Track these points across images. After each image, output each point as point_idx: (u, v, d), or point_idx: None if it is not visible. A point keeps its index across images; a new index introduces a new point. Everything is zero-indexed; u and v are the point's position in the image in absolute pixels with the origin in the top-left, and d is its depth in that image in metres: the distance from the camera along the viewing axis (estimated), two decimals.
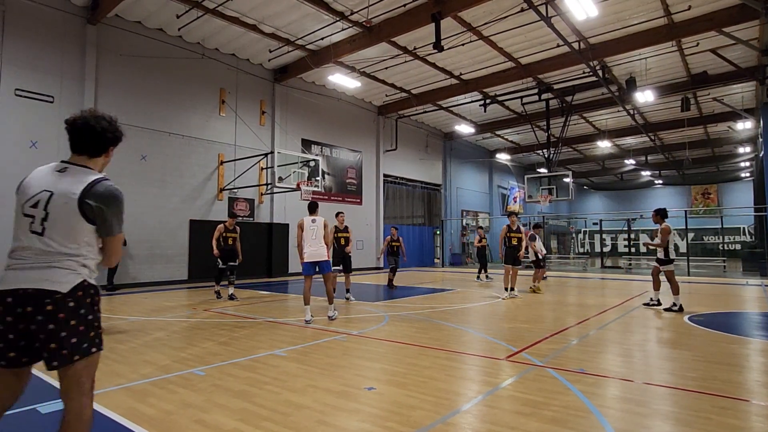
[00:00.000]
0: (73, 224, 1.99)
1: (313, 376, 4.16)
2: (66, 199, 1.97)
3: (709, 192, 36.14)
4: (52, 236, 1.97)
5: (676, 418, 3.17)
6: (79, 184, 2.00)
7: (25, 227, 1.98)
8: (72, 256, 1.99)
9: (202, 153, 14.24)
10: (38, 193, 2.00)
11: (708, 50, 14.51)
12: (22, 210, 2.00)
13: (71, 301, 1.94)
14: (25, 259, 1.96)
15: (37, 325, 1.90)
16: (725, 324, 6.98)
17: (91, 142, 2.12)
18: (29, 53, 10.87)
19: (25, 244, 1.97)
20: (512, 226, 9.93)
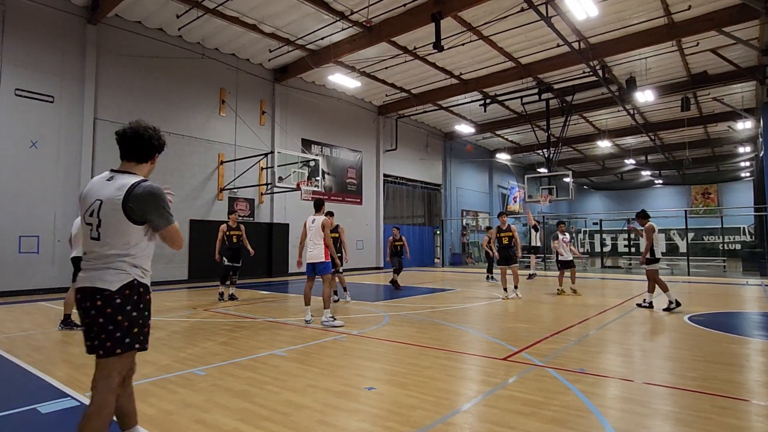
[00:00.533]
0: (121, 228, 2.19)
1: (313, 376, 4.16)
2: (113, 205, 2.17)
3: (709, 192, 36.13)
4: (106, 240, 2.19)
5: (676, 417, 3.17)
6: (122, 190, 2.18)
7: (87, 235, 2.25)
8: (123, 257, 2.20)
9: (202, 153, 14.24)
10: (93, 202, 2.22)
11: (708, 50, 14.50)
12: (84, 219, 2.26)
13: (118, 298, 2.15)
14: (89, 262, 2.23)
15: (91, 319, 2.16)
16: (725, 324, 6.98)
17: (140, 148, 2.32)
18: (29, 53, 10.86)
19: (89, 249, 2.25)
20: (502, 226, 9.88)
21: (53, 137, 11.18)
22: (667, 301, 7.94)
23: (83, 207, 2.26)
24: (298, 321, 7.11)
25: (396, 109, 20.28)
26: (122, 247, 2.19)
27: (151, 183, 2.27)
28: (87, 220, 2.23)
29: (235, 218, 9.78)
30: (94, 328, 2.16)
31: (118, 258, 2.19)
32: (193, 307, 8.61)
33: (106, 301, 2.14)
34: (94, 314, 2.14)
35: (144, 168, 2.37)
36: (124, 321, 2.17)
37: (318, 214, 6.98)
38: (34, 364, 4.59)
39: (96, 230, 2.19)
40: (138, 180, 2.24)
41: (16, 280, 10.45)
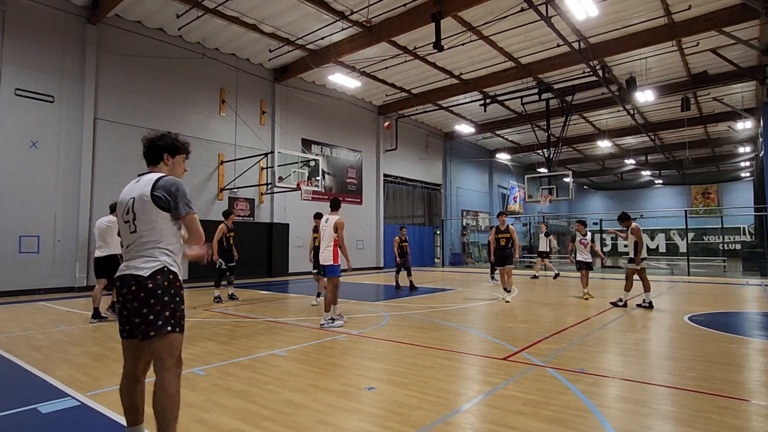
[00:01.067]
0: (152, 216, 2.44)
1: (313, 375, 4.16)
2: (142, 197, 2.45)
3: (709, 192, 36.13)
4: (141, 231, 2.44)
5: (676, 417, 3.17)
6: (149, 184, 2.47)
7: (126, 231, 2.51)
8: (155, 245, 2.44)
9: (203, 153, 14.24)
10: (127, 201, 2.51)
11: (708, 50, 14.51)
12: (123, 218, 2.53)
13: (150, 283, 2.36)
14: (128, 254, 2.48)
15: (128, 303, 2.39)
16: (725, 324, 6.98)
17: (150, 152, 2.63)
18: (29, 53, 10.87)
19: (128, 242, 2.50)
20: (501, 227, 9.61)
21: (53, 137, 11.18)
22: (618, 298, 8.60)
23: (120, 209, 2.55)
24: (298, 321, 7.11)
25: (396, 108, 20.28)
26: (154, 234, 2.44)
27: (172, 176, 2.56)
28: (124, 218, 2.51)
29: (233, 219, 9.77)
30: (131, 313, 2.39)
31: (151, 246, 2.43)
32: (193, 307, 8.61)
33: (140, 286, 2.35)
34: (130, 299, 2.38)
35: (162, 169, 2.63)
36: (156, 305, 2.35)
37: (333, 214, 6.79)
38: (35, 363, 4.59)
39: (133, 223, 2.47)
40: (161, 175, 2.54)
41: (16, 279, 10.46)
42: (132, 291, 2.36)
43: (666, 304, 9.10)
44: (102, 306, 7.32)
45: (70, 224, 11.37)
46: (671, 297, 10.25)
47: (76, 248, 11.38)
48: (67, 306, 8.73)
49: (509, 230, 9.55)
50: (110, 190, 12.07)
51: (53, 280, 11.04)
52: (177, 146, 2.67)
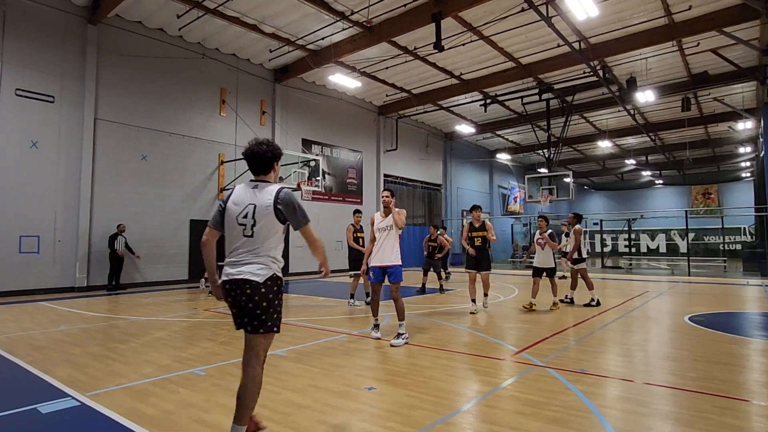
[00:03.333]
0: (273, 226, 2.68)
1: (313, 375, 4.16)
2: (266, 207, 2.65)
3: (710, 192, 36.10)
4: (257, 237, 2.65)
5: (676, 418, 3.17)
6: (270, 195, 2.67)
7: (239, 233, 2.66)
8: (267, 253, 2.66)
9: (203, 153, 14.24)
10: (246, 206, 2.67)
11: (708, 50, 14.49)
12: (236, 221, 2.67)
13: (263, 288, 2.61)
14: (239, 256, 2.65)
15: (242, 303, 2.61)
16: (726, 324, 6.98)
17: (261, 164, 2.79)
18: (30, 53, 10.87)
19: (238, 244, 2.67)
20: (475, 224, 8.02)
21: (54, 137, 11.18)
22: (590, 299, 8.65)
23: (235, 211, 2.69)
24: (298, 321, 7.11)
25: (396, 109, 20.27)
26: (270, 242, 2.68)
27: (288, 190, 2.76)
28: (240, 221, 2.67)
29: None
30: (245, 311, 2.62)
31: (264, 253, 2.66)
32: (193, 307, 8.62)
33: (255, 290, 2.59)
34: (244, 300, 2.60)
35: (271, 176, 2.86)
36: (269, 307, 2.63)
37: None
38: (35, 364, 4.60)
39: (250, 229, 2.65)
40: (280, 187, 2.75)
41: (16, 279, 10.46)
42: (247, 294, 2.59)
43: (666, 304, 9.09)
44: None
45: (71, 224, 11.37)
46: (672, 297, 10.25)
47: (76, 248, 11.38)
48: (68, 306, 8.73)
49: (485, 227, 7.97)
50: (110, 190, 12.09)
51: (53, 280, 11.04)
52: (280, 154, 2.88)
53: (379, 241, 5.81)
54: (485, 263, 7.88)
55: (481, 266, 7.85)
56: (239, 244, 2.67)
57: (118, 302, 9.45)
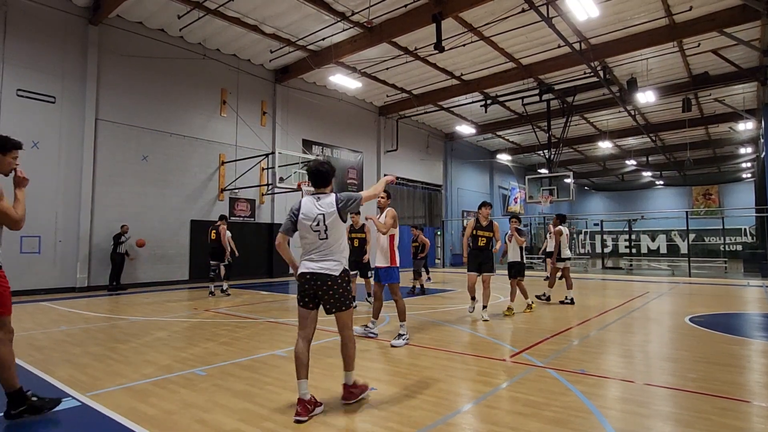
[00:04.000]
0: (340, 228, 3.42)
1: (313, 376, 4.16)
2: (332, 214, 3.37)
3: (711, 193, 36.09)
4: (331, 240, 3.37)
5: (676, 419, 3.17)
6: (333, 203, 3.40)
7: (315, 237, 3.37)
8: (339, 251, 3.41)
9: (203, 153, 14.26)
10: (317, 216, 3.36)
11: (709, 51, 14.49)
12: (311, 228, 3.36)
13: (339, 279, 3.35)
14: (318, 254, 3.36)
15: (321, 292, 3.33)
16: (726, 325, 6.97)
17: (322, 180, 3.50)
18: (31, 54, 10.89)
19: (315, 246, 3.37)
20: (482, 222, 7.30)
21: (55, 138, 11.20)
22: (565, 296, 9.00)
23: (307, 221, 3.36)
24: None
25: (397, 109, 20.28)
26: (340, 243, 3.42)
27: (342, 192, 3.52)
28: (314, 228, 3.36)
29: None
30: (324, 298, 3.35)
31: (337, 251, 3.39)
32: (194, 308, 8.62)
33: (333, 282, 3.33)
34: (325, 289, 3.32)
35: (328, 188, 3.56)
36: (344, 292, 3.39)
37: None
38: (36, 363, 4.60)
39: (324, 233, 3.35)
40: (335, 196, 3.45)
41: (17, 280, 10.42)
42: (327, 284, 3.31)
43: (667, 305, 9.09)
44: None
45: (72, 225, 11.38)
46: (672, 298, 10.24)
47: (77, 248, 11.39)
48: (68, 306, 8.74)
49: (492, 227, 7.32)
50: (111, 190, 12.10)
51: (54, 281, 11.05)
52: (335, 171, 3.66)
53: (374, 242, 5.94)
54: (488, 265, 7.23)
55: (483, 267, 7.23)
56: (316, 246, 3.37)
57: (119, 302, 9.46)
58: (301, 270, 3.39)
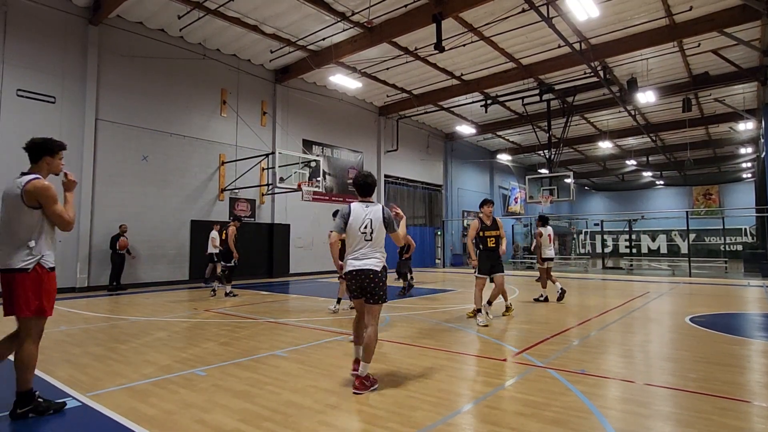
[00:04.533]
0: (383, 232, 4.03)
1: (313, 376, 4.16)
2: (378, 220, 3.98)
3: (711, 193, 36.07)
4: (375, 242, 3.98)
5: (677, 419, 3.17)
6: (380, 211, 4.03)
7: (361, 239, 3.94)
8: (380, 251, 4.01)
9: (203, 153, 14.25)
10: (365, 220, 3.96)
11: (709, 51, 14.48)
12: (359, 230, 3.94)
13: (379, 274, 3.93)
14: (361, 255, 3.93)
15: (365, 285, 3.91)
16: (726, 325, 6.97)
17: (369, 190, 4.13)
18: (31, 54, 10.89)
19: (361, 246, 3.94)
20: (486, 221, 7.06)
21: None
22: (540, 294, 9.40)
23: (356, 224, 3.94)
24: (299, 322, 7.11)
25: (397, 109, 20.28)
26: (381, 244, 4.04)
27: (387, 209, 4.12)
28: (362, 231, 3.95)
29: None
30: (368, 290, 3.92)
31: (378, 251, 3.99)
32: (194, 308, 8.62)
33: (375, 277, 3.89)
34: (367, 282, 3.89)
35: (374, 197, 4.20)
36: (383, 286, 3.95)
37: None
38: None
39: (370, 236, 3.95)
40: (382, 206, 4.09)
41: None
42: (370, 278, 3.88)
43: (667, 305, 9.09)
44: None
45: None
46: (672, 298, 10.24)
47: (77, 249, 11.39)
48: (68, 306, 8.74)
49: (497, 225, 7.11)
50: (111, 190, 12.10)
51: None
52: (376, 182, 4.24)
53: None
54: (499, 265, 7.02)
55: (494, 269, 6.99)
56: (362, 245, 3.95)
57: (119, 302, 9.46)
58: (348, 268, 3.96)
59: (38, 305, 3.17)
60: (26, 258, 3.12)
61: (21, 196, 3.12)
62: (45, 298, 3.21)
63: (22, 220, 3.13)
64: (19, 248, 3.11)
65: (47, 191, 3.18)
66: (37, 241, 3.18)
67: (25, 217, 3.13)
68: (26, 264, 3.12)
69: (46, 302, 3.21)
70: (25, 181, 3.19)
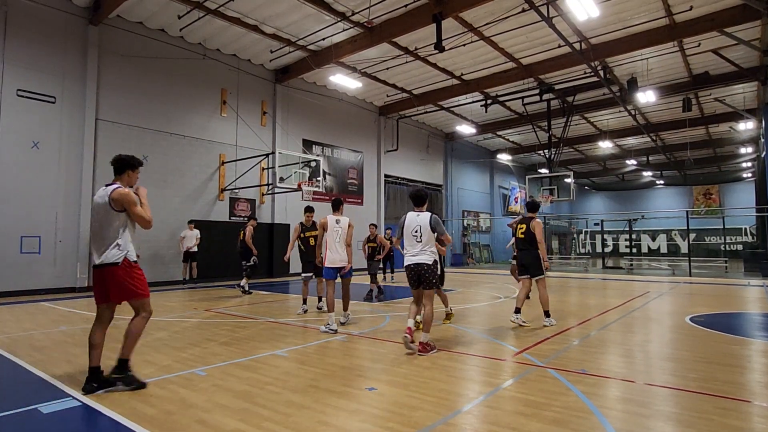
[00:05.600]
0: (432, 235, 5.09)
1: (314, 376, 4.16)
2: (427, 226, 5.07)
3: (711, 192, 36.06)
4: (423, 242, 5.07)
5: (677, 419, 3.17)
6: (428, 218, 5.10)
7: (413, 241, 5.11)
8: (429, 249, 5.08)
9: (204, 153, 14.25)
10: (416, 226, 5.11)
11: (709, 50, 14.48)
12: (411, 233, 5.12)
13: (430, 267, 5.03)
14: (414, 252, 5.08)
15: (419, 275, 5.05)
16: (727, 325, 6.97)
17: (422, 201, 5.23)
18: (31, 54, 10.89)
19: (413, 246, 5.10)
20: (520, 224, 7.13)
21: (55, 138, 11.20)
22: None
23: (409, 229, 5.16)
24: (299, 321, 7.10)
25: (397, 109, 20.28)
26: (430, 244, 5.10)
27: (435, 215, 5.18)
28: (413, 234, 5.11)
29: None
30: (421, 279, 5.08)
31: (428, 250, 5.09)
32: (194, 308, 8.62)
33: (427, 268, 5.05)
34: (422, 273, 5.05)
35: (425, 207, 5.28)
36: (432, 276, 5.06)
37: (339, 214, 6.66)
38: (36, 364, 4.60)
39: (420, 238, 5.08)
40: (431, 213, 5.16)
41: (17, 280, 10.47)
42: (423, 269, 5.04)
43: (667, 305, 9.09)
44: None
45: (72, 225, 11.38)
46: (673, 298, 10.23)
47: (77, 249, 11.40)
48: (69, 306, 8.74)
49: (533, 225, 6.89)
50: None
51: (54, 281, 11.05)
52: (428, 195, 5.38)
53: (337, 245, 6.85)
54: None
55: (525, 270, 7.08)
56: (414, 245, 5.14)
57: None
58: (406, 263, 5.15)
59: (134, 290, 3.86)
60: (116, 254, 3.77)
61: (109, 203, 3.74)
62: (138, 283, 3.87)
63: (111, 223, 3.77)
64: (110, 246, 3.76)
65: (128, 196, 3.78)
66: (122, 240, 3.80)
67: (113, 220, 3.77)
68: (117, 259, 3.76)
69: (139, 286, 3.88)
70: (110, 190, 3.79)
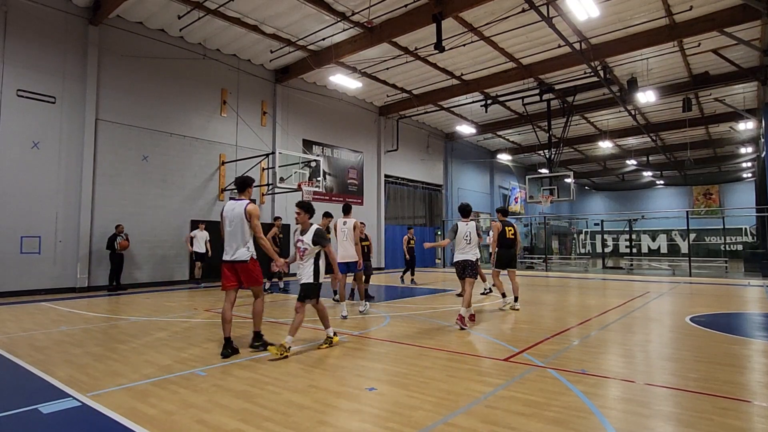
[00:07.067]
0: (476, 239, 6.81)
1: (314, 376, 4.16)
2: (474, 232, 6.82)
3: (711, 192, 36.06)
4: (472, 244, 6.79)
5: (677, 418, 3.17)
6: (474, 226, 6.86)
7: (464, 243, 6.78)
8: (475, 250, 6.80)
9: (204, 153, 14.25)
10: (465, 231, 6.79)
11: (709, 50, 14.48)
12: (462, 237, 6.78)
13: (474, 263, 6.75)
14: (463, 251, 6.78)
15: (466, 270, 6.76)
16: (727, 325, 6.97)
17: (466, 214, 6.95)
18: (31, 54, 10.89)
19: (463, 247, 6.78)
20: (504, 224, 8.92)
21: (55, 138, 11.20)
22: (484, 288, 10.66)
23: (461, 234, 6.76)
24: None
25: (397, 109, 20.28)
26: (475, 246, 6.75)
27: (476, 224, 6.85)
28: (465, 237, 6.73)
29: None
30: (468, 271, 6.69)
31: (475, 250, 6.75)
32: (194, 308, 8.62)
33: (472, 264, 6.69)
34: (468, 267, 6.68)
35: (470, 217, 6.95)
36: (475, 269, 6.72)
37: (348, 217, 8.07)
38: (36, 364, 4.60)
39: (470, 241, 6.72)
40: (475, 222, 6.88)
41: (17, 280, 10.47)
42: (469, 264, 6.64)
43: (667, 305, 9.09)
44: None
45: (72, 225, 11.38)
46: (673, 298, 10.23)
47: (77, 249, 11.39)
48: (69, 306, 8.74)
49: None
50: (111, 190, 12.10)
51: (54, 281, 11.05)
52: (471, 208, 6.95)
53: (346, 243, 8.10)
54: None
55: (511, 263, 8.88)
56: (463, 246, 6.69)
57: (119, 302, 9.46)
58: (456, 259, 6.74)
59: (257, 279, 5.12)
60: (247, 253, 5.00)
61: (244, 213, 5.03)
62: (258, 275, 5.15)
63: (244, 229, 5.02)
64: (243, 247, 5.01)
65: (257, 211, 5.14)
66: (250, 243, 5.07)
67: (246, 227, 5.03)
68: (247, 257, 5.00)
69: (259, 277, 5.16)
70: (245, 204, 5.13)
